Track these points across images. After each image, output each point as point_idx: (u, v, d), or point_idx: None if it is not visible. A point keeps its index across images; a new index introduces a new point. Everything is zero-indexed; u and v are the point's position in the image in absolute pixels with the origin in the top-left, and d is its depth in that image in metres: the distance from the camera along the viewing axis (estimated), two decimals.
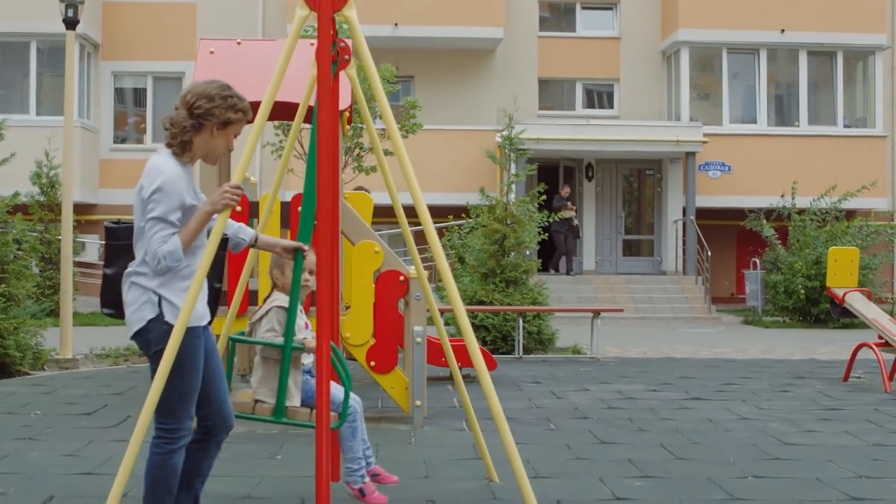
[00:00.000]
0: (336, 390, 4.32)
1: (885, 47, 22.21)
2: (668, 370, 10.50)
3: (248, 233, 4.06)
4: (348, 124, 7.56)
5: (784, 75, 22.72)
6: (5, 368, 9.29)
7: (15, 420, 6.93)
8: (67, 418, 7.02)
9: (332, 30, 4.07)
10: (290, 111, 6.87)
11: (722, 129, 21.79)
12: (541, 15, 23.03)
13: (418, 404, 6.82)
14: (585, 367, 10.72)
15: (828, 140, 21.90)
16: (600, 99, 23.63)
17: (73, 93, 10.89)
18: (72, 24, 10.59)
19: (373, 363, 6.88)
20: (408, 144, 4.35)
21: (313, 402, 4.25)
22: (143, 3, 21.66)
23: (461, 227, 17.27)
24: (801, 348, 13.39)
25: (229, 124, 3.73)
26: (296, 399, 4.21)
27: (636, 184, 23.19)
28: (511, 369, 10.26)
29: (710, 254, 19.74)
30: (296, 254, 4.14)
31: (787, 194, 19.37)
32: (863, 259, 16.58)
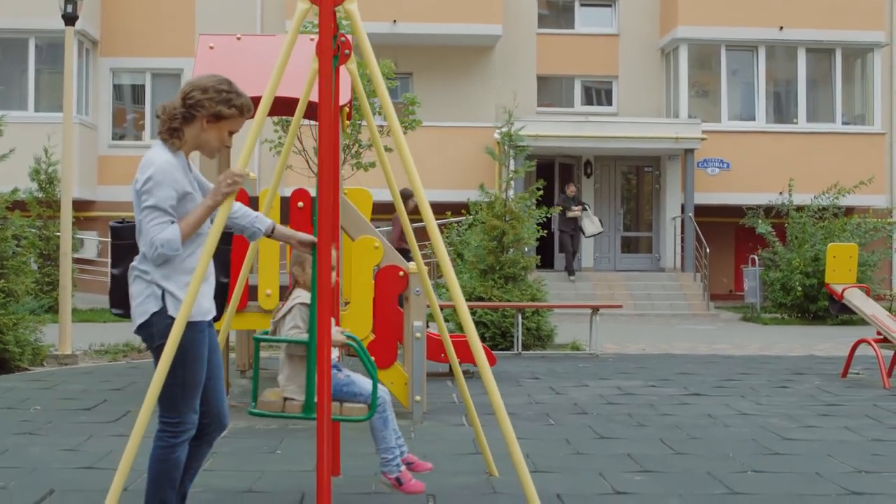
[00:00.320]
0: (364, 382, 4.32)
1: (883, 44, 22.22)
2: (667, 366, 10.51)
3: (264, 223, 4.04)
4: (348, 120, 7.55)
5: (783, 72, 22.73)
6: (4, 364, 9.31)
7: (15, 415, 6.93)
8: (67, 413, 7.03)
9: (332, 24, 4.06)
10: (289, 106, 6.87)
11: (720, 126, 21.80)
12: (539, 12, 23.03)
13: (418, 399, 6.83)
14: (584, 364, 10.73)
15: (826, 137, 21.91)
16: (599, 96, 23.63)
17: (72, 89, 10.87)
18: (71, 19, 10.58)
19: (372, 358, 6.87)
20: (407, 141, 4.33)
21: (341, 395, 4.25)
22: None
23: (460, 224, 17.27)
24: (800, 345, 13.41)
25: (221, 118, 3.69)
26: None
27: (635, 181, 23.20)
28: (510, 365, 10.26)
29: (708, 251, 19.75)
30: (313, 248, 4.10)
31: (784, 192, 19.40)
32: (861, 256, 16.62)
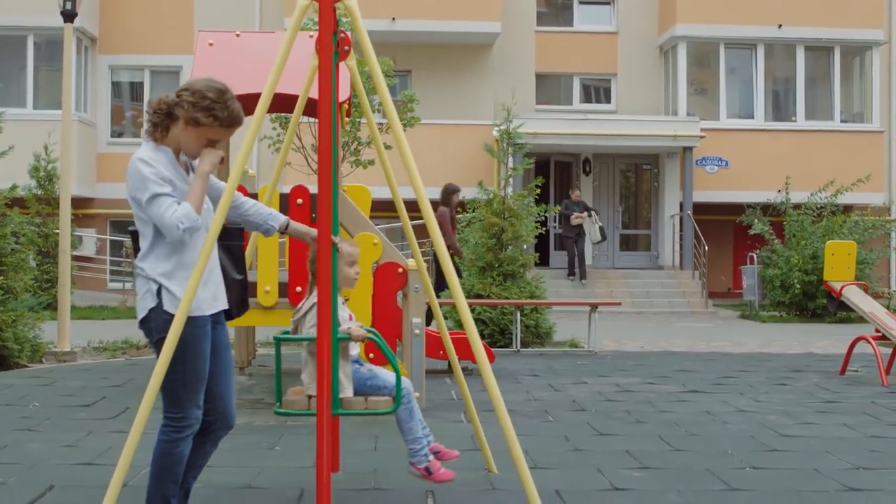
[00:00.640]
0: (386, 375, 4.32)
1: (882, 42, 22.24)
2: (666, 363, 10.52)
3: (278, 219, 4.03)
4: (347, 117, 7.55)
5: (781, 70, 22.75)
6: (3, 361, 9.32)
7: (14, 412, 6.93)
8: (66, 410, 7.03)
9: (332, 20, 4.05)
10: (287, 103, 6.87)
11: (719, 123, 21.83)
12: (538, 10, 23.05)
13: (417, 396, 6.76)
14: (583, 361, 10.74)
15: (825, 135, 21.94)
16: (598, 94, 23.64)
17: (71, 87, 10.86)
18: (70, 16, 10.56)
19: (371, 355, 6.88)
20: (406, 139, 4.33)
21: (365, 389, 4.25)
22: None
23: (458, 222, 17.25)
24: (798, 342, 13.42)
25: (199, 125, 3.61)
26: (348, 390, 4.12)
27: (633, 178, 23.22)
28: (509, 362, 10.27)
29: (706, 248, 19.77)
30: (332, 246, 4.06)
31: (783, 190, 19.42)
32: (859, 254, 16.64)
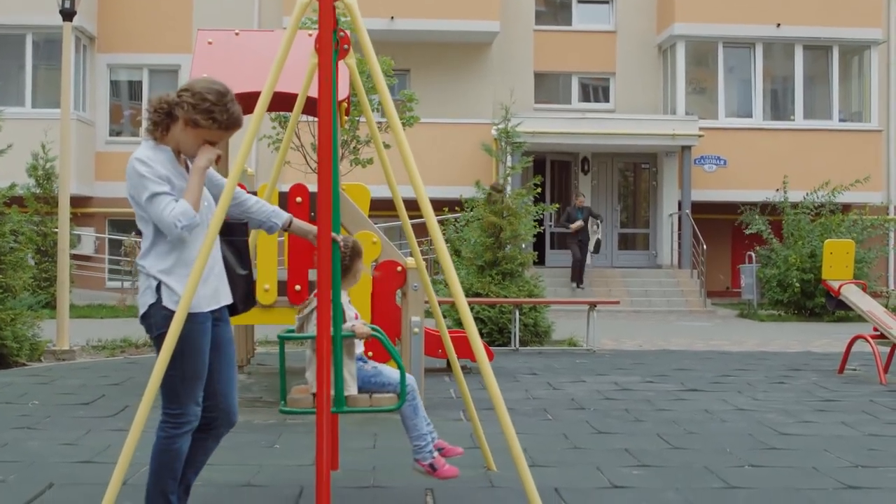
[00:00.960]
0: (390, 372, 4.33)
1: (880, 42, 22.25)
2: (664, 362, 10.53)
3: (281, 217, 4.06)
4: (346, 115, 7.55)
5: (780, 69, 22.76)
6: (2, 359, 9.33)
7: (13, 410, 6.94)
8: (65, 408, 7.04)
9: (332, 18, 4.05)
10: (286, 102, 6.87)
11: (717, 123, 21.83)
12: (537, 9, 23.03)
13: None
14: (581, 359, 10.75)
15: (823, 134, 21.94)
16: (596, 93, 23.64)
17: (70, 85, 10.86)
18: (68, 15, 10.56)
19: (370, 353, 6.87)
20: (406, 138, 4.33)
21: (370, 386, 4.27)
22: None
23: (457, 220, 17.29)
24: (797, 341, 13.43)
25: (198, 126, 3.63)
26: (352, 388, 4.13)
27: (632, 177, 23.22)
28: (507, 361, 10.28)
29: (705, 247, 19.78)
30: (334, 244, 4.06)
31: (781, 189, 19.43)
32: (858, 253, 16.66)
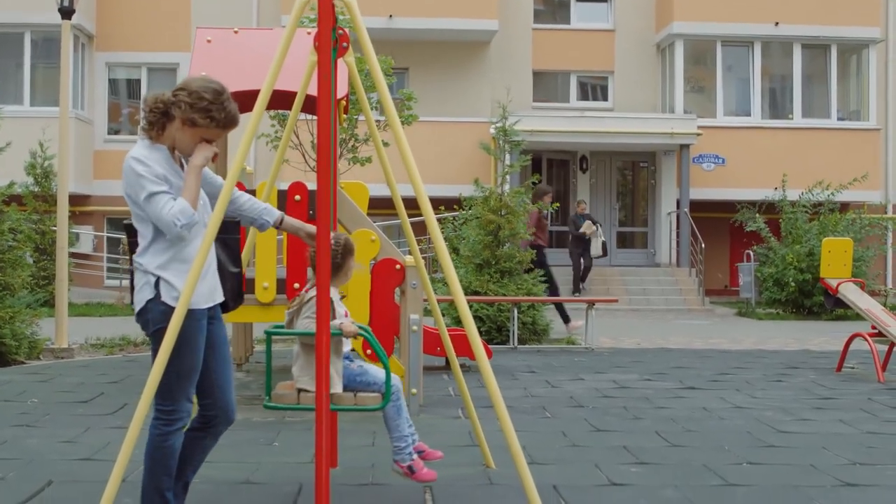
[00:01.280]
0: (376, 371, 4.34)
1: (878, 40, 22.26)
2: (663, 360, 10.55)
3: (272, 214, 4.07)
4: (345, 113, 7.55)
5: (778, 68, 22.77)
6: (1, 357, 9.33)
7: (12, 408, 6.94)
8: (64, 406, 7.04)
9: (331, 16, 4.06)
10: (284, 100, 6.87)
11: (716, 121, 21.84)
12: (535, 7, 23.02)
13: (414, 392, 6.85)
14: (580, 358, 10.76)
15: (821, 133, 21.95)
16: (594, 91, 23.64)
17: (68, 84, 10.85)
18: (67, 13, 10.55)
19: (369, 351, 6.89)
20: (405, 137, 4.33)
21: (355, 385, 4.27)
22: None
23: (455, 219, 17.29)
24: (795, 339, 13.44)
25: (195, 125, 3.63)
26: (338, 386, 4.15)
27: (630, 176, 23.23)
28: (506, 359, 10.29)
29: (703, 246, 19.80)
30: None
31: (779, 188, 19.45)
32: (856, 251, 16.66)
